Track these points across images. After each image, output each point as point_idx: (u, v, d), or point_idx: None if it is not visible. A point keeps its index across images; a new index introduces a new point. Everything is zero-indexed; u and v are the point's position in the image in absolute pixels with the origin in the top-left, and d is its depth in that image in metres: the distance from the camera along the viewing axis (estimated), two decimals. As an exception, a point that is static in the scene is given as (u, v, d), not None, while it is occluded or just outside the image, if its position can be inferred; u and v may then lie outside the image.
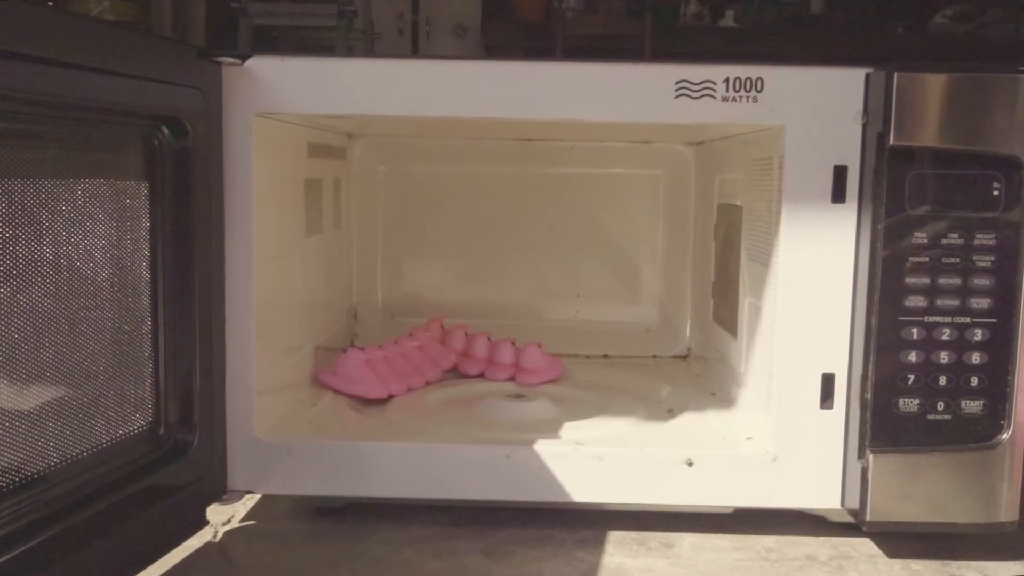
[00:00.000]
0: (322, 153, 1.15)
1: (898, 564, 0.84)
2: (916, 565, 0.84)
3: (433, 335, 1.24)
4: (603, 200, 1.34)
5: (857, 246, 0.82)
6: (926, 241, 0.79)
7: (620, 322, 1.35)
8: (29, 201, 0.62)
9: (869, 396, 0.80)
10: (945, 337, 0.80)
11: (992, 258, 0.79)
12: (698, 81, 0.82)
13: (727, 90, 0.82)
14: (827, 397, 0.83)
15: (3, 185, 0.60)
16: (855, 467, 0.82)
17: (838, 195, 0.81)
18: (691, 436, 0.95)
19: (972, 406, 0.80)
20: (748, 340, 0.99)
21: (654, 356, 1.32)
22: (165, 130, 0.76)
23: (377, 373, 1.07)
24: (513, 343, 1.20)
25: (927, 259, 0.79)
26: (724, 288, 1.13)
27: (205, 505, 0.83)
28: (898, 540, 0.86)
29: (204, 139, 0.79)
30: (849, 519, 0.85)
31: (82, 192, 0.68)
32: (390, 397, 1.07)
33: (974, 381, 0.80)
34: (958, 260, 0.79)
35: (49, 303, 0.64)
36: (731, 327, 1.07)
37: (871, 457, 0.80)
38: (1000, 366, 0.80)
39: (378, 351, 1.12)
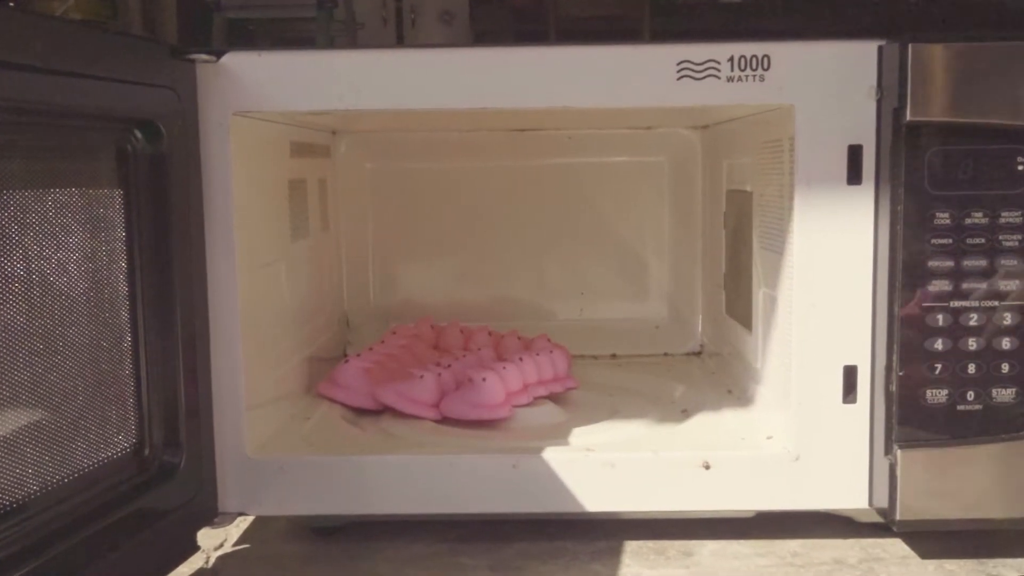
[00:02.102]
0: (306, 152, 1.15)
1: (931, 565, 0.84)
2: (951, 565, 0.84)
3: (421, 334, 1.24)
4: (605, 191, 1.34)
5: (876, 230, 0.82)
6: (949, 222, 0.79)
7: (628, 319, 1.35)
8: (-3, 214, 0.62)
9: (894, 388, 0.80)
10: (972, 323, 0.80)
11: (1019, 237, 0.79)
12: (701, 61, 0.82)
13: (732, 69, 0.81)
14: (850, 391, 0.83)
15: (-31, 198, 0.60)
16: (882, 464, 0.82)
17: (854, 176, 0.81)
18: (707, 437, 0.95)
19: (1004, 395, 0.80)
20: (764, 333, 0.99)
21: (665, 354, 1.32)
22: (138, 134, 0.76)
23: (377, 382, 1.07)
24: (519, 337, 1.21)
25: (950, 241, 0.79)
26: (737, 279, 1.12)
27: (195, 529, 0.83)
28: (931, 539, 0.86)
29: (180, 142, 0.79)
30: (878, 519, 0.85)
31: (53, 203, 0.68)
32: (387, 408, 1.06)
33: (1005, 368, 0.80)
34: (983, 240, 0.79)
35: (22, 321, 0.64)
36: (745, 320, 1.07)
37: (899, 452, 0.80)
38: (1032, 351, 0.80)
39: (370, 354, 1.12)
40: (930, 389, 0.80)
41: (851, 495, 0.84)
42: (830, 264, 0.82)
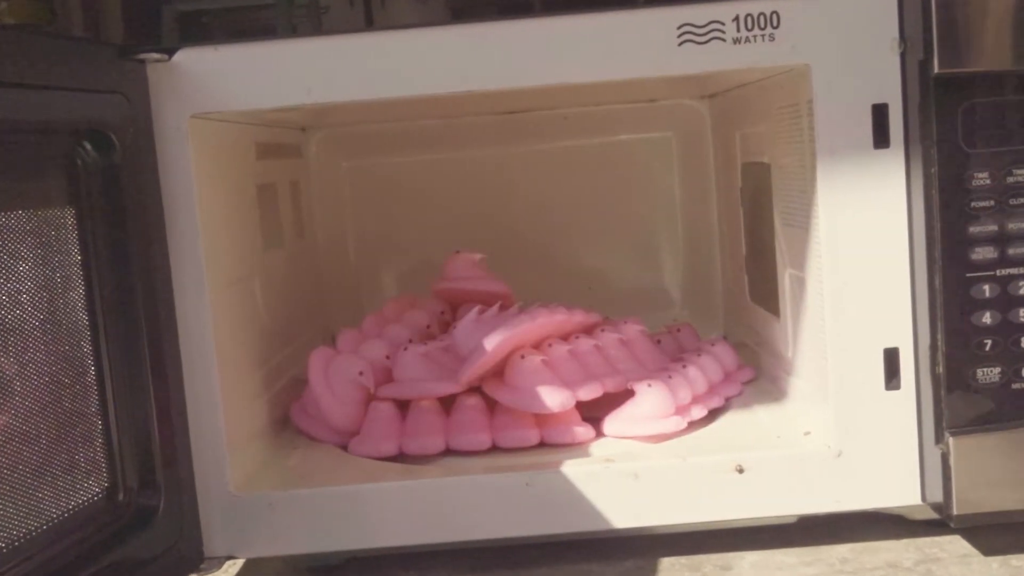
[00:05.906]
0: (274, 153, 1.15)
1: (996, 562, 0.84)
2: (1017, 561, 0.84)
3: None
4: (608, 173, 1.34)
5: (909, 196, 0.81)
6: (989, 182, 0.79)
7: (641, 312, 1.34)
8: (-63, 245, 0.62)
9: (941, 370, 0.80)
10: (1023, 291, 0.80)
11: (1068, 193, 0.79)
12: (703, 23, 0.81)
13: (738, 30, 0.81)
14: (892, 376, 0.83)
15: (-95, 229, 0.60)
16: (933, 454, 0.82)
17: (880, 139, 0.81)
18: (739, 438, 0.95)
19: (1063, 369, 0.80)
20: (793, 319, 0.99)
21: (686, 349, 1.32)
22: (87, 145, 0.76)
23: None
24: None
25: (992, 202, 0.79)
26: (759, 261, 1.12)
27: (180, 578, 0.83)
28: (993, 534, 0.86)
29: (134, 151, 0.79)
30: (933, 515, 0.85)
31: (-3, 228, 0.68)
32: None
33: (1062, 339, 0.80)
34: (1029, 200, 0.79)
35: (-27, 361, 0.64)
36: (772, 306, 1.06)
37: (951, 440, 0.80)
38: (1091, 318, 0.80)
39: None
40: (981, 368, 0.80)
41: (901, 491, 0.84)
42: (861, 237, 0.82)
